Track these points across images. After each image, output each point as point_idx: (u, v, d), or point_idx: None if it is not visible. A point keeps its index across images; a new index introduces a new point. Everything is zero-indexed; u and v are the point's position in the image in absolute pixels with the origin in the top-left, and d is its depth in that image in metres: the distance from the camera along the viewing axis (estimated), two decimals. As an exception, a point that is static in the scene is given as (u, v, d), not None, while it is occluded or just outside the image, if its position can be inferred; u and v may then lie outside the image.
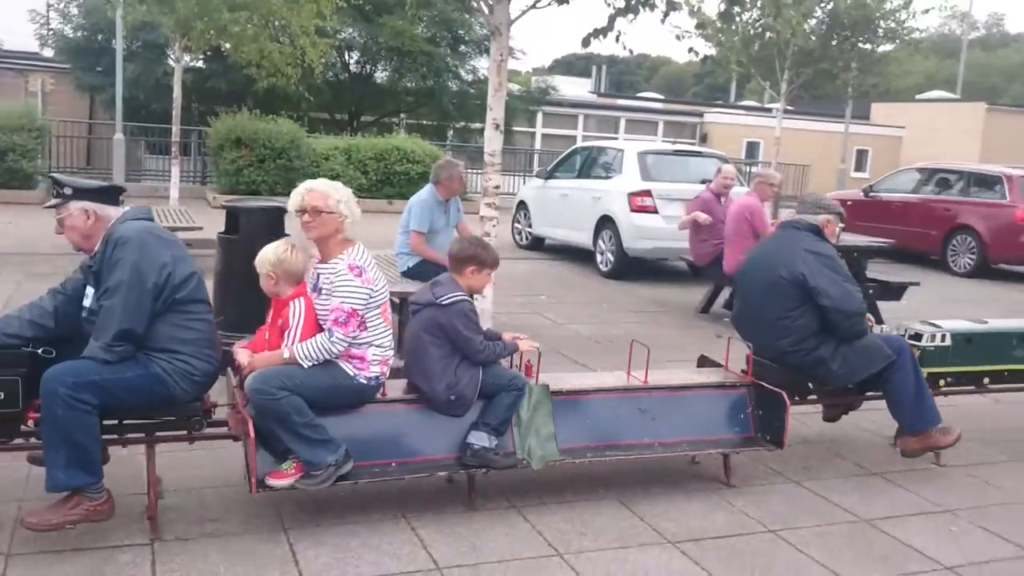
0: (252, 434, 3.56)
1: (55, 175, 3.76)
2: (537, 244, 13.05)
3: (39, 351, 3.58)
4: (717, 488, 4.49)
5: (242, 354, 3.85)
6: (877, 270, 10.76)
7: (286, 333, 3.83)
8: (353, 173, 17.01)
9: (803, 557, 3.81)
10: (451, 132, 23.47)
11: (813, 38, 14.41)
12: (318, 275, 3.90)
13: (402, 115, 23.75)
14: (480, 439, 3.99)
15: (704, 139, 29.36)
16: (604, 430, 4.30)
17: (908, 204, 14.19)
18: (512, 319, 4.78)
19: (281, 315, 3.88)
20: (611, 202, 10.85)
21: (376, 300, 3.85)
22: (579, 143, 16.20)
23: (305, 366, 3.71)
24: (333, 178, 4.57)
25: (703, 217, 8.63)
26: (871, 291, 8.34)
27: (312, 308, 3.85)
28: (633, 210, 10.56)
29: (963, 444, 5.24)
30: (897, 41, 15.21)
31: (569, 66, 60.28)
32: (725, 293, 8.60)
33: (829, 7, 14.47)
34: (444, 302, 4.04)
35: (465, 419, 4.04)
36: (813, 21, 14.36)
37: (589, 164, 12.21)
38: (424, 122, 23.47)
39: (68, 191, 3.62)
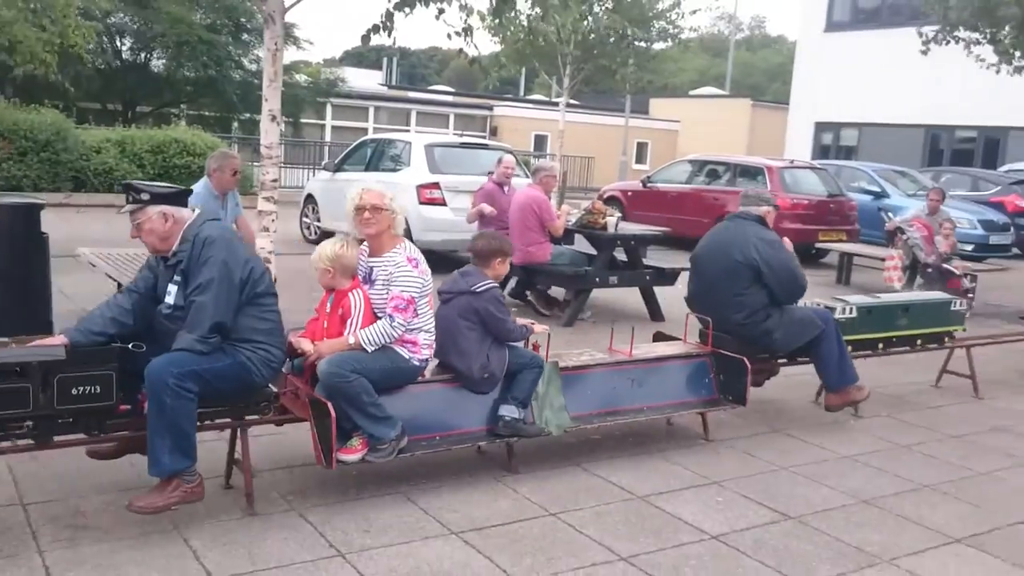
0: (334, 414, 3.93)
1: (131, 181, 3.97)
2: (326, 238, 12.78)
3: (130, 346, 3.76)
4: (502, 476, 4.56)
5: (305, 343, 4.18)
6: (655, 257, 11.31)
7: (348, 321, 4.19)
8: (128, 167, 16.02)
9: (582, 537, 3.93)
10: (236, 124, 22.60)
11: (593, 36, 14.93)
12: (371, 268, 4.31)
13: (182, 106, 22.64)
14: (510, 411, 4.52)
15: (494, 132, 29.83)
16: (603, 399, 4.98)
17: (682, 194, 14.99)
18: (302, 318, 4.63)
19: (341, 305, 4.23)
20: (400, 195, 10.75)
21: (427, 289, 4.30)
22: (370, 135, 16.05)
23: (369, 350, 4.11)
24: (106, 172, 4.32)
25: (488, 209, 8.74)
26: (647, 276, 8.75)
27: (368, 298, 4.23)
28: (422, 202, 10.55)
29: (732, 418, 5.61)
30: (669, 40, 16.03)
31: (360, 57, 59.53)
32: (511, 283, 8.77)
33: (607, 6, 15.03)
34: (478, 289, 4.53)
35: (490, 396, 4.54)
36: (589, 20, 14.86)
37: (378, 156, 12.09)
38: (206, 113, 22.48)
39: (146, 196, 3.85)
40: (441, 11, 5.95)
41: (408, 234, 4.64)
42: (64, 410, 3.57)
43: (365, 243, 4.38)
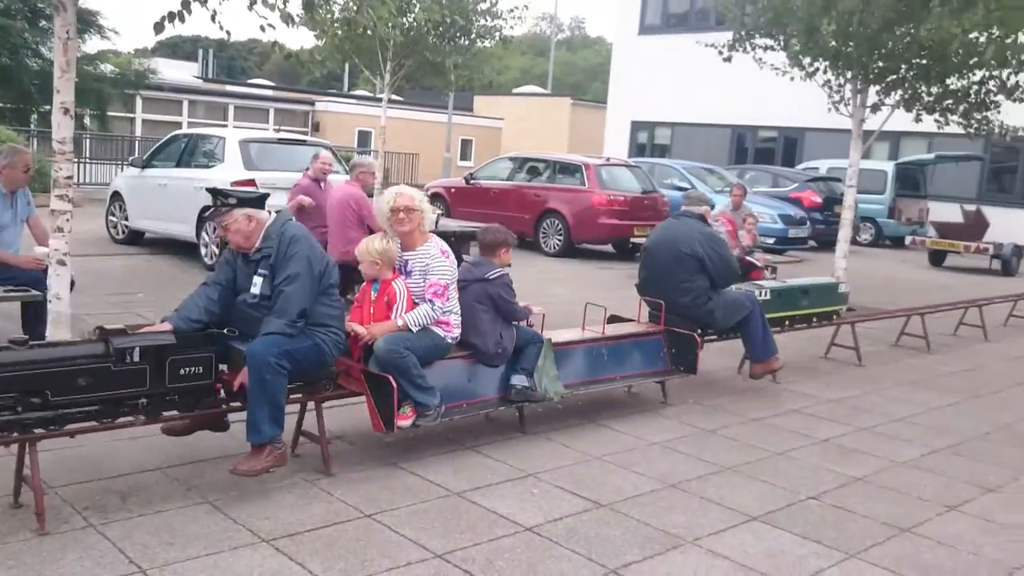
0: (396, 384, 4.59)
1: (218, 187, 4.57)
2: (135, 238, 12.16)
3: (225, 331, 4.36)
4: (316, 479, 4.47)
5: (358, 327, 4.74)
6: (476, 252, 11.45)
7: (394, 307, 4.82)
8: (-93, 162, 14.64)
9: (397, 537, 3.91)
10: (35, 116, 21.10)
11: (412, 31, 14.85)
12: (406, 260, 4.95)
13: (-28, 96, 20.91)
14: (521, 380, 5.30)
15: (317, 127, 29.25)
16: (585, 371, 5.85)
17: (504, 190, 15.19)
18: (104, 320, 4.37)
19: (387, 293, 4.85)
20: (213, 192, 10.38)
21: (456, 277, 5.04)
22: (182, 130, 15.33)
23: (414, 331, 4.78)
24: None
25: (307, 200, 8.56)
26: (469, 274, 8.79)
27: (407, 286, 4.88)
28: (237, 200, 10.20)
29: (548, 413, 5.73)
30: (489, 39, 16.15)
31: (175, 49, 56.89)
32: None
33: (427, 3, 14.99)
34: (491, 277, 5.24)
35: (499, 369, 5.28)
36: (408, 16, 14.78)
37: (190, 152, 11.58)
38: (1, 105, 20.87)
39: (233, 201, 4.42)
40: (253, 1, 5.73)
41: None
42: (173, 388, 4.10)
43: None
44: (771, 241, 15.24)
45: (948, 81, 10.14)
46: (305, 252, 4.41)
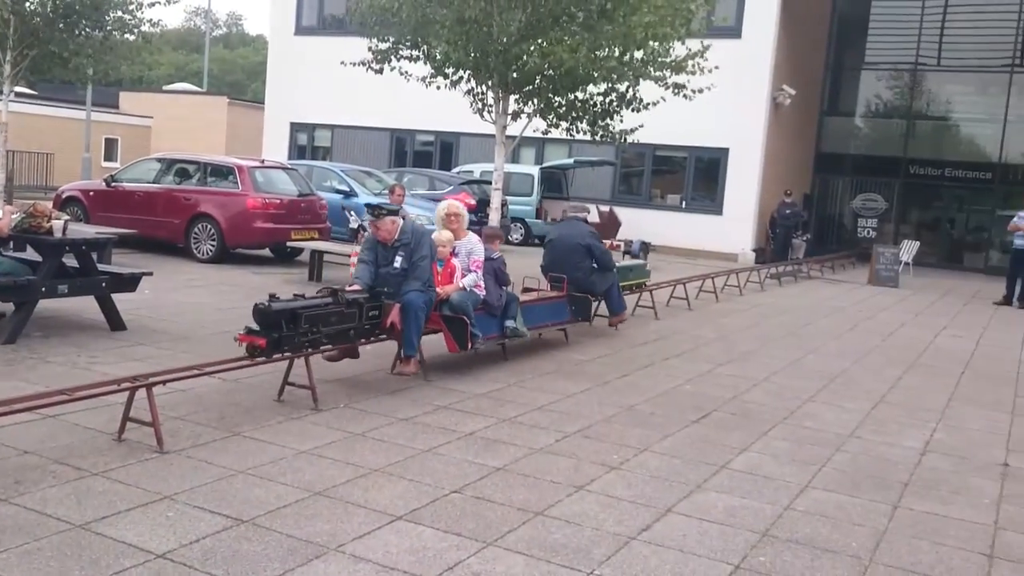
0: (469, 321, 7.46)
1: (377, 203, 7.93)
2: None
3: (383, 292, 6.97)
4: (-97, 528, 3.90)
5: (440, 290, 7.41)
6: (121, 261, 10.64)
7: (454, 276, 7.64)
8: None
9: (3, 583, 3.50)
10: None
11: (37, 19, 13.49)
12: (456, 247, 7.74)
13: None
14: (511, 324, 8.16)
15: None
16: (535, 319, 8.76)
17: (151, 194, 14.27)
18: None
19: (450, 267, 7.64)
20: None
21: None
22: None
23: (467, 290, 7.59)
24: None
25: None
26: (104, 284, 8.15)
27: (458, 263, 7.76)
28: None
29: (187, 427, 5.44)
30: (127, 32, 15.08)
31: None
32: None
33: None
34: (495, 257, 8.17)
35: (495, 318, 8.06)
36: (33, 2, 13.42)
37: None
38: None
39: (383, 211, 7.10)
40: None
41: None
42: (366, 325, 6.73)
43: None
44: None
45: (575, 93, 11.00)
46: (428, 242, 7.19)
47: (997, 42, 25.51)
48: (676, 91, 11.12)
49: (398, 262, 6.99)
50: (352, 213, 12.86)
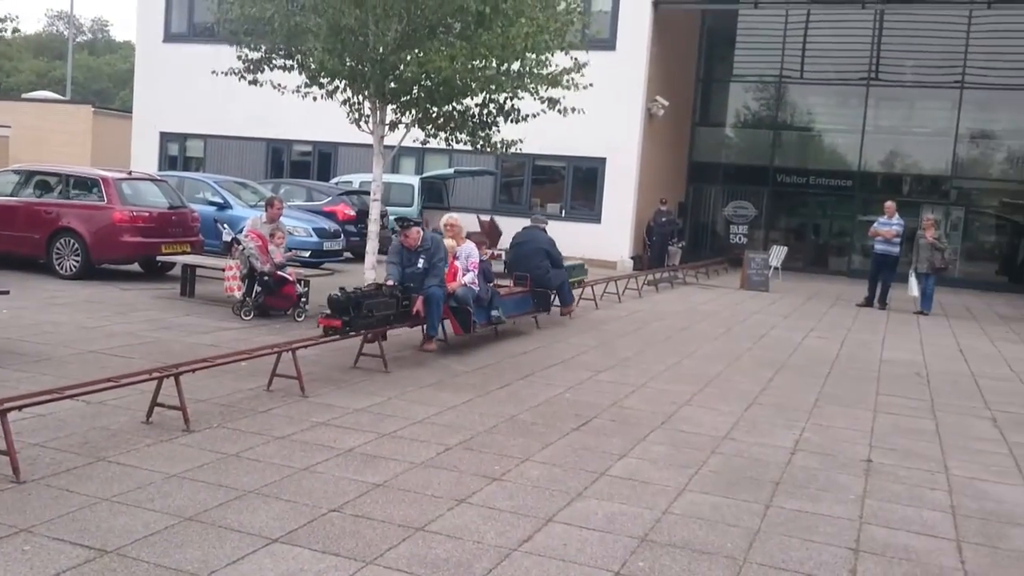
0: (471, 310, 9.56)
1: (404, 216, 11.36)
2: None
3: (409, 287, 8.99)
4: None
5: (448, 286, 9.41)
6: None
7: (457, 274, 9.58)
8: None
9: None
10: None
11: None
12: (458, 251, 9.76)
13: None
14: (496, 312, 10.08)
15: None
16: (507, 310, 10.60)
17: (9, 207, 13.51)
18: None
19: (452, 268, 9.52)
20: None
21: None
22: None
23: (467, 286, 9.53)
24: None
25: None
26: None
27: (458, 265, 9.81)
28: None
29: (48, 455, 5.16)
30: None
31: None
32: None
33: None
34: (484, 259, 10.37)
35: (483, 308, 9.91)
36: None
37: None
38: None
39: (410, 223, 9.28)
40: None
41: None
42: (401, 311, 8.73)
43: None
44: (307, 254, 15.36)
45: (453, 103, 10.99)
46: (443, 248, 9.27)
47: (855, 57, 26.85)
48: (551, 106, 11.22)
49: (420, 263, 9.04)
50: (225, 226, 12.50)
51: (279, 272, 10.65)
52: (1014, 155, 26.43)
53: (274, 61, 11.04)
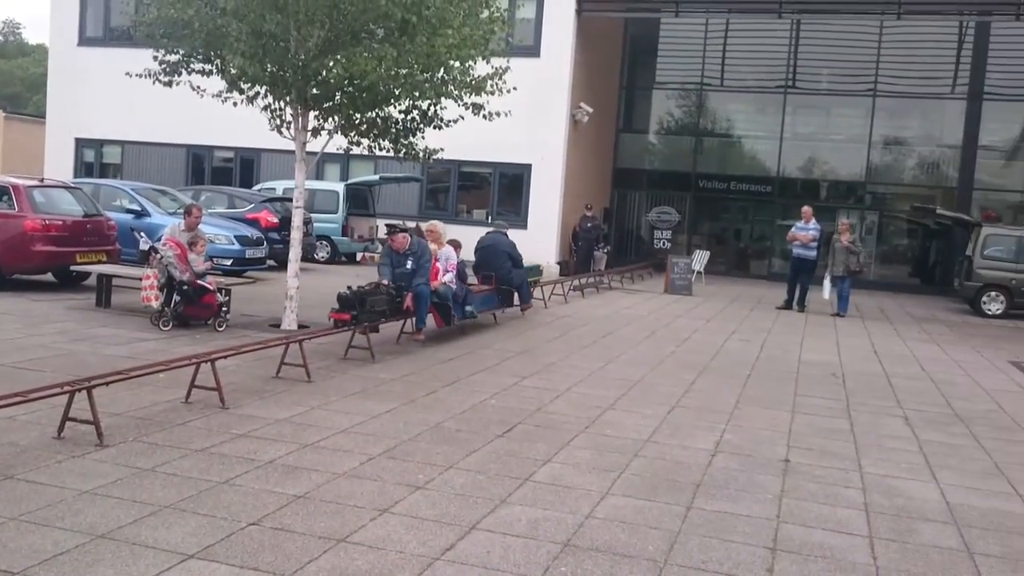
0: (451, 305, 11.16)
1: (392, 222, 13.39)
2: None
3: (399, 286, 10.37)
4: None
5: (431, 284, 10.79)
6: None
7: (438, 274, 10.90)
8: None
9: None
10: None
11: None
12: (439, 254, 11.09)
13: None
14: (469, 308, 11.59)
15: None
16: (480, 305, 12.24)
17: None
18: None
19: (434, 268, 10.76)
20: None
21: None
22: None
23: (446, 285, 11.00)
24: None
25: None
26: None
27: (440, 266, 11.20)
28: None
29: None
30: None
31: None
32: None
33: None
34: (459, 260, 11.54)
35: (458, 304, 11.32)
36: None
37: None
38: None
39: (397, 229, 10.76)
40: None
41: None
42: (393, 307, 10.12)
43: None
44: (228, 263, 15.09)
45: (377, 110, 10.91)
46: (428, 251, 10.67)
47: (773, 66, 27.50)
48: (475, 111, 11.23)
49: (408, 264, 10.44)
50: (142, 234, 12.20)
51: (199, 281, 10.43)
52: (924, 161, 27.38)
53: (193, 65, 10.80)
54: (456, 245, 11.76)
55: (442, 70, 10.72)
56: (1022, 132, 26.62)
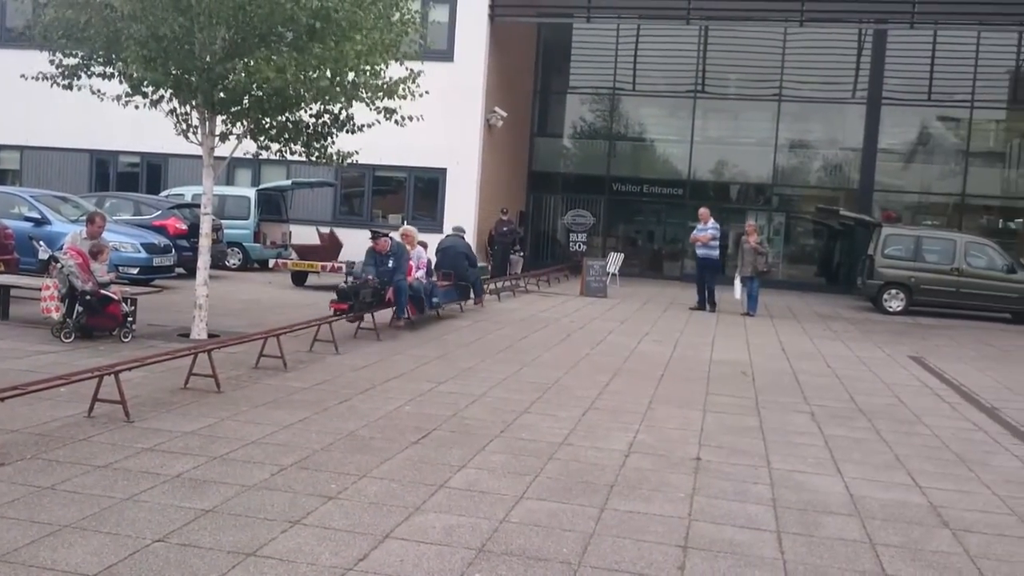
0: (423, 298, 13.22)
1: (378, 228, 14.41)
2: None
3: (383, 282, 12.39)
4: None
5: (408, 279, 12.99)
6: None
7: (411, 271, 13.06)
8: None
9: None
10: None
11: None
12: (412, 253, 13.30)
13: None
14: (436, 300, 13.88)
15: None
16: (444, 297, 14.59)
17: None
18: None
19: (409, 267, 13.00)
20: None
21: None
22: None
23: (420, 280, 13.27)
24: None
25: None
26: None
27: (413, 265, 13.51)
28: None
29: None
30: None
31: None
32: None
33: None
34: (429, 258, 14.25)
35: (428, 296, 13.58)
36: None
37: None
38: None
39: (380, 234, 12.73)
40: None
41: None
42: (377, 299, 12.16)
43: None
44: (135, 271, 14.67)
45: (287, 114, 10.74)
46: (406, 251, 12.74)
47: (682, 70, 28.04)
48: (387, 116, 11.14)
49: (390, 263, 12.29)
50: (42, 243, 11.77)
51: (102, 291, 10.11)
52: (828, 163, 28.27)
53: (92, 68, 10.47)
54: (424, 245, 14.05)
55: (352, 74, 10.61)
56: (919, 135, 27.71)
